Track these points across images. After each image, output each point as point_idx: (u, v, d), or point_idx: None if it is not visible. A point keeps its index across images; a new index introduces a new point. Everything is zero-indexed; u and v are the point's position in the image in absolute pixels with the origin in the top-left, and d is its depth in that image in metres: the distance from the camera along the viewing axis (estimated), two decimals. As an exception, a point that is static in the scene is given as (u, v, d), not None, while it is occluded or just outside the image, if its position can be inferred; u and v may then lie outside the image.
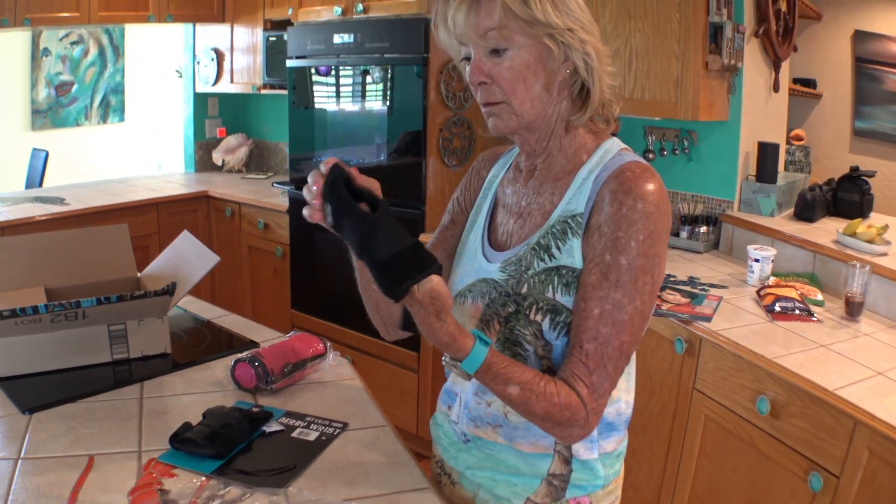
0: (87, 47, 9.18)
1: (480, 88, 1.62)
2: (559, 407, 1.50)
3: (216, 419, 1.89)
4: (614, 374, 1.54)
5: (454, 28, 1.58)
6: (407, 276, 1.42)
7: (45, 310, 2.16)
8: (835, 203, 4.27)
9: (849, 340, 2.94)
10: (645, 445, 3.27)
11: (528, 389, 1.50)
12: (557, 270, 1.60)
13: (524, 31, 1.55)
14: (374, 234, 1.43)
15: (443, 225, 1.97)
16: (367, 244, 1.43)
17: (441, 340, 1.48)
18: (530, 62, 1.57)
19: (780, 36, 4.43)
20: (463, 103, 4.57)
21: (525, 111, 1.61)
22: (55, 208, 5.19)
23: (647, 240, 1.53)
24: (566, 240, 1.61)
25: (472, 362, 1.49)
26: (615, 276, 1.53)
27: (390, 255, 1.42)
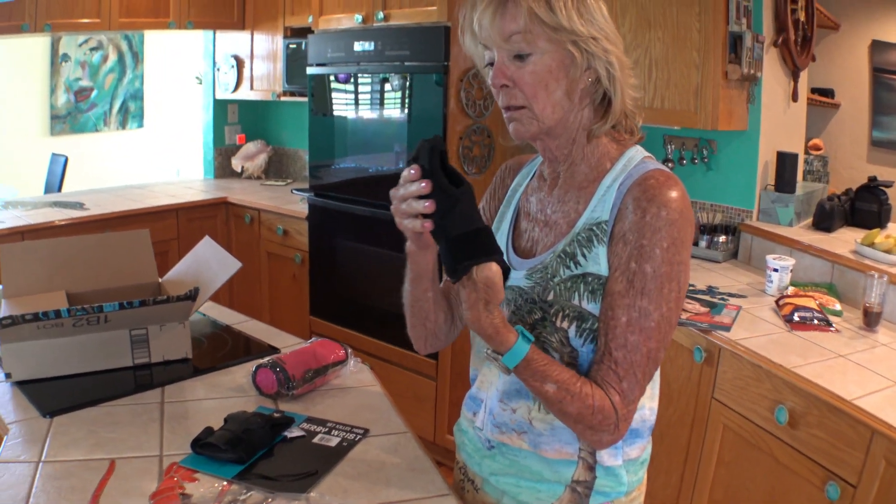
0: (107, 53, 9.23)
1: (502, 92, 1.63)
2: (592, 409, 1.52)
3: (238, 424, 1.90)
4: (643, 380, 1.56)
5: (479, 31, 1.60)
6: (472, 254, 1.46)
7: (68, 314, 2.17)
8: (853, 213, 4.26)
9: (867, 350, 2.93)
10: (662, 454, 3.27)
11: (565, 389, 1.52)
12: (583, 278, 1.61)
13: (548, 37, 1.56)
14: (454, 207, 1.46)
15: None
16: (445, 217, 1.46)
17: (485, 331, 1.51)
18: (553, 68, 1.59)
19: (799, 46, 4.43)
20: (483, 111, 4.58)
21: (546, 116, 1.62)
22: (75, 213, 5.22)
23: (672, 247, 1.54)
24: (592, 247, 1.62)
25: (513, 357, 1.51)
26: (641, 284, 1.54)
27: (464, 231, 1.46)
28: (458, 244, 1.46)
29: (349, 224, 5.01)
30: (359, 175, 4.98)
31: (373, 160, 4.89)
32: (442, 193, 1.46)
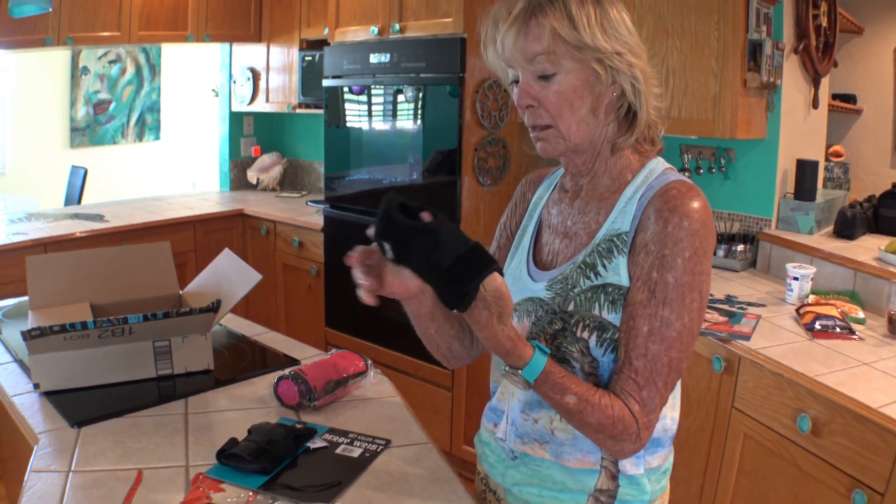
0: (125, 66, 9.28)
1: (528, 112, 1.64)
2: (613, 419, 1.51)
3: (262, 435, 1.90)
4: (664, 390, 1.55)
5: (502, 51, 1.60)
6: (477, 271, 1.44)
7: (94, 325, 2.19)
8: (875, 220, 4.24)
9: (892, 358, 2.91)
10: (682, 464, 3.25)
11: (585, 400, 1.52)
12: (604, 288, 1.61)
13: (572, 56, 1.57)
14: (438, 239, 1.43)
15: (492, 252, 1.98)
16: (433, 252, 1.43)
17: (503, 346, 1.49)
18: (577, 86, 1.59)
19: (821, 52, 4.42)
20: (498, 123, 4.58)
21: (572, 134, 1.63)
22: (95, 225, 5.26)
23: (693, 257, 1.54)
24: (612, 258, 1.62)
25: (532, 370, 1.51)
26: (662, 294, 1.54)
27: (459, 254, 1.43)
28: (457, 269, 1.43)
29: (364, 235, 4.99)
30: (374, 187, 4.99)
31: (388, 171, 4.89)
32: (422, 234, 1.44)
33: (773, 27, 4.00)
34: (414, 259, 1.45)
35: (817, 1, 4.32)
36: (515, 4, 1.58)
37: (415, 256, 1.45)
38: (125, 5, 5.72)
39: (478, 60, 4.39)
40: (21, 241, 4.77)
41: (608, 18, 1.58)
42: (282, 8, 6.40)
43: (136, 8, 5.78)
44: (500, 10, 1.62)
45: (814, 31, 4.28)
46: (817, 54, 4.37)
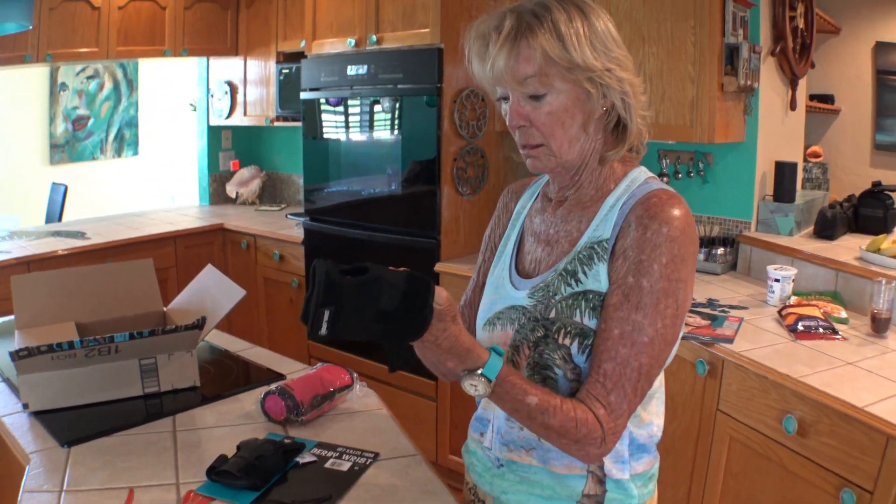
0: (103, 81, 9.26)
1: (519, 131, 1.65)
2: (576, 422, 1.51)
3: (251, 451, 1.90)
4: (632, 395, 1.55)
5: (492, 72, 1.60)
6: (426, 292, 1.45)
7: (81, 345, 2.19)
8: (856, 219, 4.26)
9: (877, 357, 2.93)
10: (668, 468, 3.25)
11: (546, 401, 1.52)
12: (584, 295, 1.62)
13: (563, 77, 1.57)
14: (382, 286, 1.43)
15: (478, 266, 2.00)
16: (381, 301, 1.43)
17: (464, 345, 1.50)
18: (568, 106, 1.60)
19: (798, 53, 4.44)
20: (476, 132, 4.59)
21: (563, 152, 1.65)
22: (76, 242, 5.25)
23: (671, 263, 1.54)
24: (592, 265, 1.63)
25: (492, 368, 1.51)
26: (636, 299, 1.54)
27: (402, 292, 1.43)
28: (408, 303, 1.43)
29: (345, 247, 5.02)
30: (353, 198, 4.99)
31: (367, 183, 4.90)
32: (365, 286, 1.42)
33: (749, 30, 4.02)
34: (361, 315, 1.43)
35: (794, 2, 4.34)
36: (503, 22, 1.58)
37: (364, 311, 1.43)
38: (103, 21, 5.73)
39: (455, 70, 4.41)
40: (5, 260, 4.77)
41: (596, 33, 1.58)
42: (258, 21, 6.41)
43: (113, 24, 5.79)
44: (486, 26, 1.62)
45: (791, 33, 4.30)
46: (794, 56, 4.39)
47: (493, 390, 1.52)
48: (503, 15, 1.60)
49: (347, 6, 4.85)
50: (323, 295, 1.39)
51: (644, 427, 1.71)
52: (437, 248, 4.55)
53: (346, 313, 1.41)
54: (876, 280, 3.17)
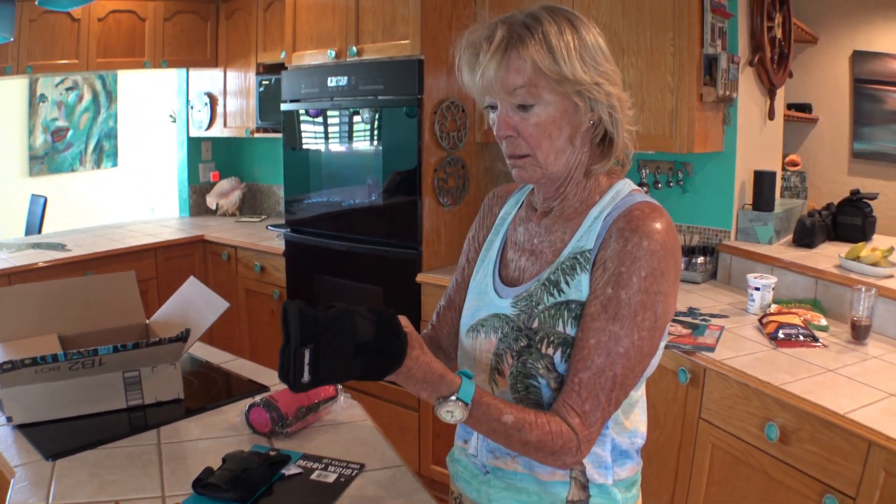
0: (82, 93, 9.24)
1: (506, 141, 1.65)
2: (552, 435, 1.53)
3: (236, 463, 1.90)
4: (606, 405, 1.57)
5: (482, 81, 1.61)
6: (395, 327, 1.46)
7: (64, 358, 2.18)
8: (834, 227, 4.29)
9: (857, 364, 2.95)
10: (651, 476, 3.27)
11: (521, 418, 1.53)
12: (567, 305, 1.63)
13: (552, 89, 1.58)
14: (355, 320, 1.43)
15: (461, 267, 2.00)
16: (357, 334, 1.43)
17: (436, 372, 1.51)
18: (556, 118, 1.61)
19: (776, 63, 4.47)
20: (457, 143, 4.60)
21: (549, 163, 1.65)
22: (57, 254, 5.24)
23: (650, 276, 1.55)
24: (575, 275, 1.64)
25: (467, 391, 1.51)
26: (614, 310, 1.56)
27: (374, 324, 1.44)
28: (383, 327, 1.45)
29: (326, 258, 5.02)
30: (334, 209, 4.98)
31: (348, 194, 4.90)
32: (340, 321, 1.42)
33: (728, 41, 4.04)
34: (341, 352, 1.43)
35: (772, 13, 4.37)
36: (494, 33, 1.59)
37: (343, 346, 1.43)
38: (83, 33, 5.73)
39: (435, 81, 4.42)
40: (-13, 273, 4.74)
41: (586, 47, 1.59)
42: (238, 33, 6.41)
43: (93, 35, 5.79)
44: (477, 36, 1.63)
45: (769, 44, 4.33)
46: (772, 66, 4.42)
47: (470, 413, 1.53)
48: (495, 25, 1.61)
49: (328, 18, 4.86)
50: (301, 334, 1.38)
51: (626, 434, 1.72)
52: (418, 258, 4.56)
53: (326, 351, 1.41)
54: (855, 288, 3.19)
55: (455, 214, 4.69)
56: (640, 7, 3.94)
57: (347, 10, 4.71)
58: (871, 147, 6.63)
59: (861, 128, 6.67)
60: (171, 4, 6.29)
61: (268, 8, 6.05)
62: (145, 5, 6.12)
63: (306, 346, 1.39)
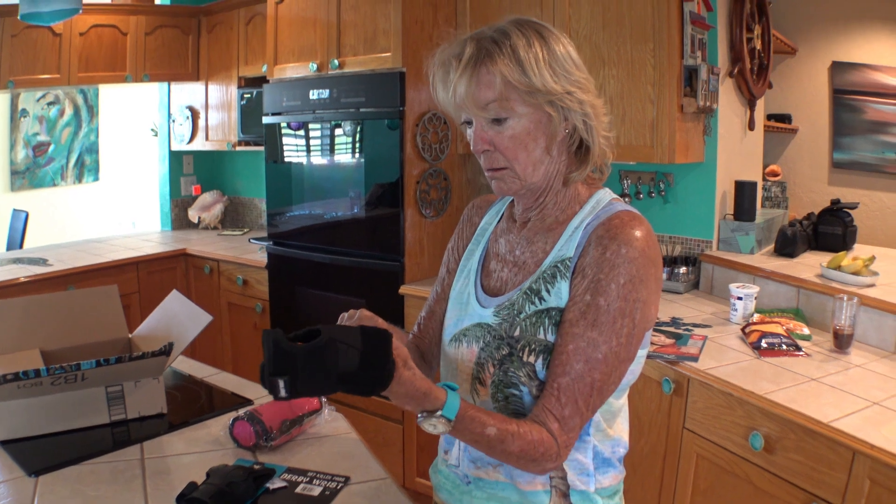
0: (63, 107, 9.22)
1: (484, 155, 1.67)
2: (533, 444, 1.54)
3: (221, 478, 1.89)
4: (585, 410, 1.58)
5: (454, 98, 1.63)
6: (384, 354, 1.44)
7: (47, 373, 2.17)
8: (815, 237, 4.32)
9: (840, 373, 2.96)
10: (637, 486, 3.28)
11: (504, 429, 1.53)
12: (547, 312, 1.64)
13: (524, 101, 1.60)
14: (338, 350, 1.41)
15: (441, 277, 2.01)
16: (340, 363, 1.41)
17: (420, 390, 1.49)
18: (531, 129, 1.62)
19: (755, 74, 4.50)
20: (439, 155, 4.61)
21: (528, 174, 1.67)
22: (38, 269, 5.20)
23: (629, 284, 1.57)
24: (555, 283, 1.65)
25: (451, 407, 1.50)
26: (593, 316, 1.57)
27: (360, 353, 1.42)
28: (369, 361, 1.43)
29: (308, 271, 5.02)
30: (317, 222, 4.98)
31: (330, 206, 4.90)
32: (320, 352, 1.40)
33: (707, 52, 4.06)
34: (321, 380, 1.41)
35: (751, 24, 4.39)
36: (464, 50, 1.61)
37: (322, 376, 1.41)
38: (65, 48, 5.73)
39: (417, 94, 4.42)
40: (-32, 289, 4.71)
41: (555, 57, 1.61)
42: (219, 46, 6.40)
43: (75, 50, 5.79)
44: (447, 54, 1.65)
45: (748, 55, 4.35)
46: (752, 77, 4.44)
47: (454, 427, 1.52)
48: (464, 42, 1.63)
49: (309, 31, 4.87)
50: (274, 365, 1.38)
51: (609, 441, 1.72)
52: (401, 270, 4.56)
53: (303, 379, 1.40)
54: (837, 296, 3.20)
55: (438, 226, 4.69)
56: (621, 19, 3.96)
57: (329, 23, 4.72)
58: (850, 157, 6.67)
59: (840, 138, 6.70)
60: (153, 18, 6.29)
61: (249, 21, 6.05)
62: (127, 19, 6.11)
63: (280, 377, 1.38)
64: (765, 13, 4.59)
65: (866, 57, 6.53)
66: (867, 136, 6.56)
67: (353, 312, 1.70)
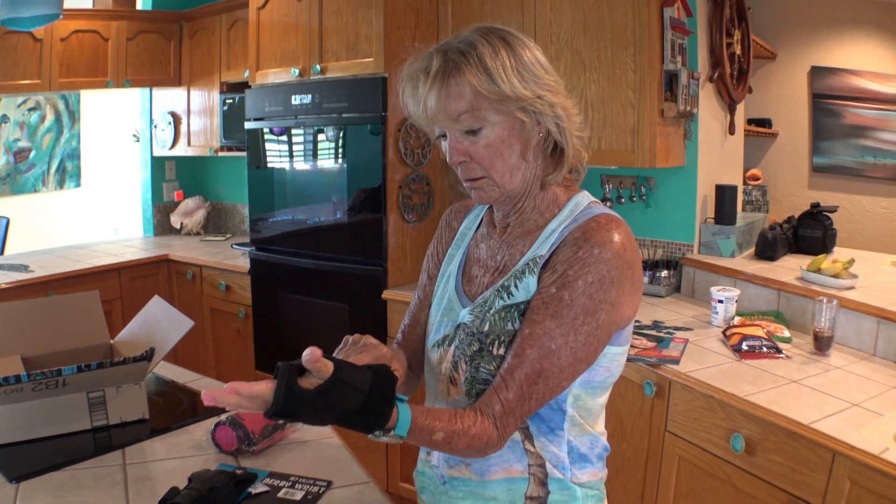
0: (44, 113, 9.18)
1: (461, 167, 1.67)
2: (476, 438, 1.55)
3: (203, 483, 1.89)
4: (528, 398, 1.58)
5: (425, 112, 1.63)
6: (387, 400, 1.45)
7: (28, 378, 2.16)
8: (796, 240, 4.34)
9: (820, 374, 2.98)
10: (619, 489, 3.29)
11: (450, 431, 1.53)
12: (517, 306, 1.65)
13: (495, 109, 1.60)
14: (343, 392, 1.41)
15: (422, 284, 2.01)
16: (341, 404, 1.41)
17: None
18: (505, 136, 1.63)
19: (735, 79, 4.52)
20: (421, 160, 4.61)
21: (506, 182, 1.67)
22: (20, 276, 5.19)
23: (597, 283, 1.56)
24: (524, 278, 1.66)
25: (402, 424, 1.48)
26: (554, 307, 1.57)
27: (364, 398, 1.42)
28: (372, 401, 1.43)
29: (291, 276, 5.01)
30: (299, 227, 4.98)
31: (313, 212, 4.90)
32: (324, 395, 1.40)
33: (688, 57, 4.09)
34: (322, 417, 1.42)
35: (731, 30, 4.42)
36: (431, 63, 1.61)
37: (324, 414, 1.42)
38: (45, 53, 5.71)
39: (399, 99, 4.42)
40: (-52, 295, 4.69)
41: (522, 63, 1.61)
42: (201, 52, 6.40)
43: (56, 56, 5.77)
44: (414, 68, 1.65)
45: (728, 60, 4.37)
46: (732, 81, 4.47)
47: (406, 439, 1.51)
48: (430, 56, 1.62)
49: (291, 37, 4.87)
50: (282, 407, 1.37)
51: (585, 437, 1.73)
52: (383, 275, 4.56)
53: (305, 419, 1.40)
54: (817, 299, 3.22)
55: (420, 231, 4.70)
56: (601, 24, 3.97)
57: (311, 29, 4.73)
58: (830, 161, 6.69)
59: (820, 142, 6.73)
60: (134, 24, 6.28)
61: (231, 27, 6.05)
62: (108, 25, 6.10)
63: (284, 418, 1.39)
64: (744, 18, 4.62)
65: (845, 62, 6.55)
66: (847, 140, 6.59)
67: (357, 338, 1.69)
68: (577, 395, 1.68)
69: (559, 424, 1.68)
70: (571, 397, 1.67)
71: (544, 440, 1.68)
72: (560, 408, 1.67)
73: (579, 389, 1.67)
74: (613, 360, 1.70)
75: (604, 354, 1.66)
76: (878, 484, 2.24)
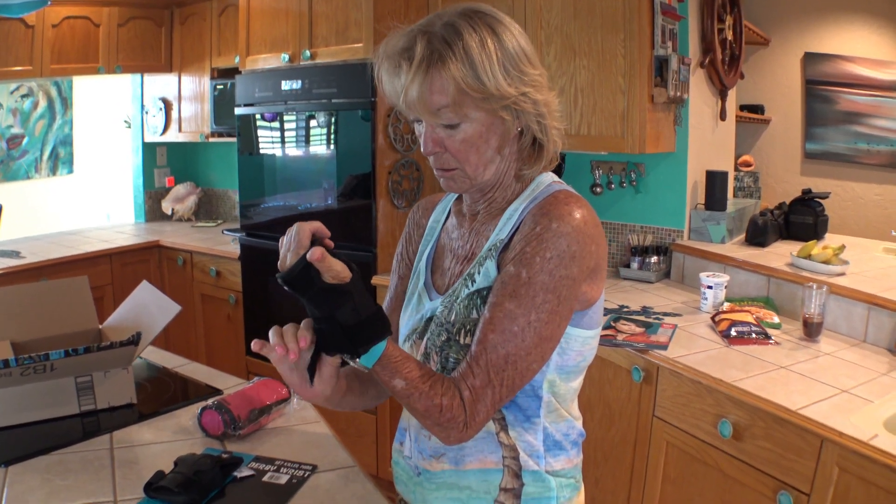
0: (37, 99, 9.16)
1: (434, 156, 1.64)
2: (440, 408, 1.51)
3: (188, 466, 1.90)
4: (498, 385, 1.55)
5: (405, 101, 1.58)
6: (375, 335, 1.46)
7: (16, 363, 2.17)
8: (786, 226, 4.35)
9: (809, 361, 2.99)
10: (608, 475, 3.29)
11: (413, 386, 1.50)
12: (479, 293, 1.63)
13: (477, 106, 1.56)
14: (345, 301, 1.45)
15: (393, 285, 1.98)
16: (338, 311, 1.45)
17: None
18: (483, 132, 1.60)
19: (727, 65, 4.52)
20: (411, 145, 4.61)
21: (478, 175, 1.65)
22: (11, 262, 5.21)
23: (556, 259, 1.53)
24: (486, 263, 1.64)
25: (371, 356, 1.48)
26: (513, 287, 1.54)
27: (358, 320, 1.45)
28: (359, 330, 1.45)
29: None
30: (290, 213, 4.98)
31: (303, 197, 4.90)
32: (332, 294, 1.45)
33: (678, 42, 4.08)
34: (318, 310, 1.47)
35: (722, 15, 4.41)
36: (414, 47, 1.55)
37: (320, 310, 1.47)
38: (37, 40, 5.69)
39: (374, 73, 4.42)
40: (-61, 280, 4.68)
41: (508, 56, 1.57)
42: (192, 38, 6.39)
43: (47, 42, 5.75)
44: (395, 49, 1.59)
45: (719, 45, 4.37)
46: (723, 67, 4.46)
47: (372, 371, 1.51)
48: (413, 37, 1.57)
49: (281, 22, 4.86)
50: (294, 283, 1.46)
51: (561, 424, 1.72)
52: (373, 261, 4.57)
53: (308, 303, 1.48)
54: (807, 285, 3.22)
55: (410, 217, 4.70)
56: (592, 9, 3.97)
57: (301, 14, 4.72)
58: (822, 147, 6.70)
59: (813, 128, 6.73)
60: (126, 10, 6.26)
61: (222, 13, 6.04)
62: (99, 11, 6.08)
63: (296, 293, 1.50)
64: (736, 4, 4.62)
65: (839, 48, 6.55)
66: (839, 126, 6.59)
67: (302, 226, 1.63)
68: (553, 381, 1.67)
69: (535, 412, 1.67)
70: (547, 383, 1.66)
71: (520, 429, 1.66)
72: (536, 394, 1.66)
73: (554, 374, 1.66)
74: (585, 344, 1.69)
75: (576, 338, 1.66)
76: (867, 471, 2.24)
